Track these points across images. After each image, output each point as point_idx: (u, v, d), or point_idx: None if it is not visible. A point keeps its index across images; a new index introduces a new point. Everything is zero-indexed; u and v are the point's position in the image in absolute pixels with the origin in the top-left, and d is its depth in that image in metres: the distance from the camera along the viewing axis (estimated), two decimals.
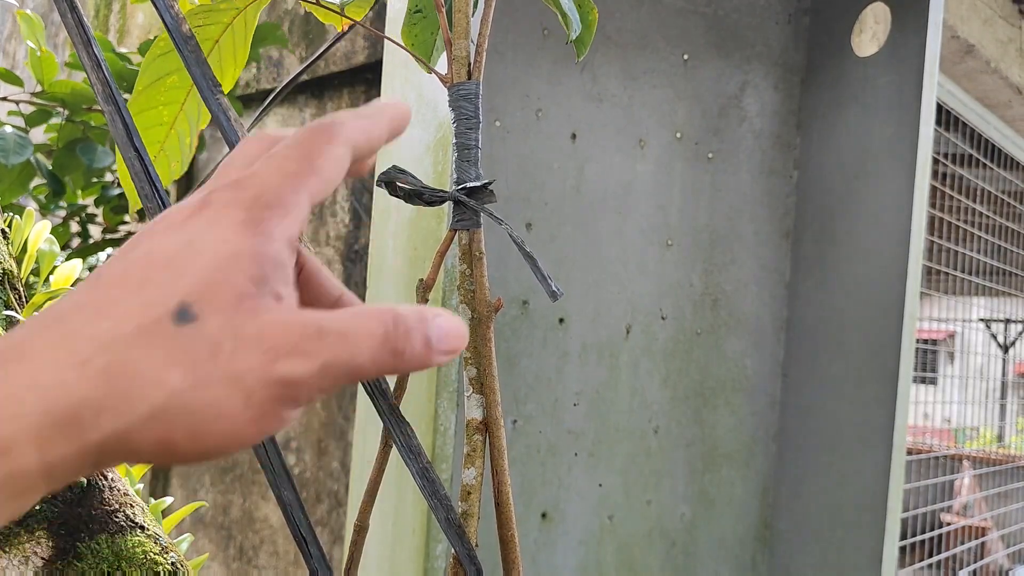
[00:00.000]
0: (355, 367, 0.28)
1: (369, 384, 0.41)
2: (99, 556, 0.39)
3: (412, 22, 0.57)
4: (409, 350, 0.29)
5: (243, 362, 0.26)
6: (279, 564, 1.84)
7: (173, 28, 0.40)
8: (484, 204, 0.46)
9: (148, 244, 0.28)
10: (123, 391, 0.25)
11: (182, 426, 0.25)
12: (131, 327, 0.25)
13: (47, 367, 0.24)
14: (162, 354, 0.25)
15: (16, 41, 3.23)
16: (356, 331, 0.28)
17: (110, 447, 0.25)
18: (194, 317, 0.26)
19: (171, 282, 0.26)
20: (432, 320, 0.29)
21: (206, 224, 0.28)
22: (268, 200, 0.28)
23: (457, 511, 0.44)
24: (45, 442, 0.24)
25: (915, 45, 1.27)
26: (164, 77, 0.49)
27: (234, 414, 0.26)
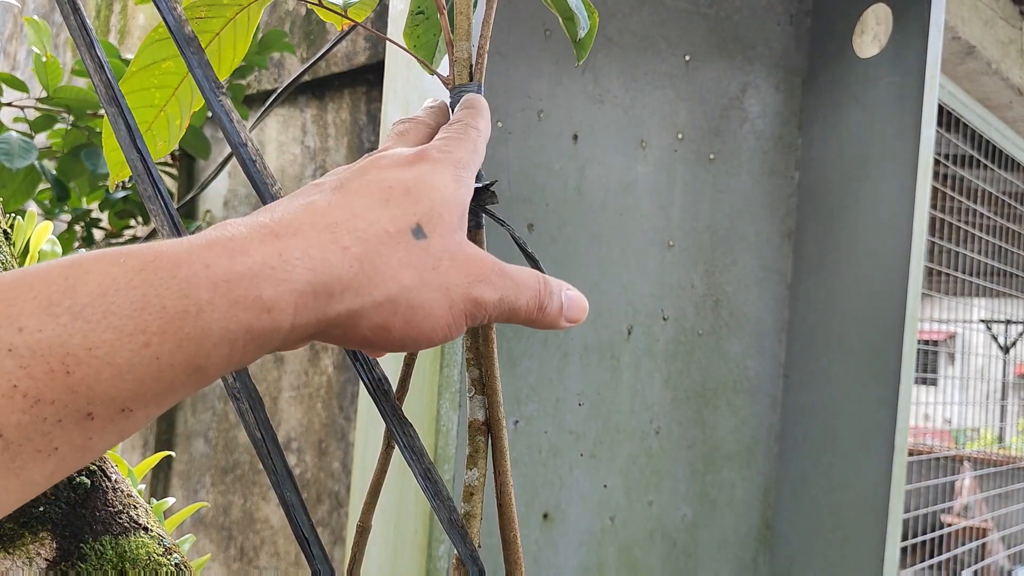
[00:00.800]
0: (516, 307, 0.36)
1: (372, 385, 0.41)
2: (103, 557, 0.39)
3: (414, 23, 0.57)
4: (549, 308, 0.37)
5: (453, 278, 0.33)
6: (280, 565, 1.84)
7: (176, 30, 0.40)
8: (486, 205, 0.46)
9: (380, 173, 0.34)
10: (369, 276, 0.31)
11: (401, 316, 0.32)
12: (381, 230, 0.32)
13: (316, 245, 0.30)
14: (401, 256, 0.32)
15: (17, 42, 3.23)
16: (522, 281, 0.36)
17: (341, 321, 0.31)
18: (426, 236, 0.33)
19: (411, 205, 0.33)
20: (566, 291, 0.39)
21: (430, 169, 0.35)
22: (464, 165, 0.37)
23: (460, 512, 0.44)
24: (300, 307, 0.29)
25: (916, 46, 1.27)
26: (160, 62, 0.49)
27: (439, 315, 0.33)
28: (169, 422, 2.21)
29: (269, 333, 0.28)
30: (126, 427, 0.27)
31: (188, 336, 0.26)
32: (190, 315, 0.27)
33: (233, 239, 0.29)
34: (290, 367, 1.85)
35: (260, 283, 0.28)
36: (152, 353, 0.26)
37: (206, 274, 0.27)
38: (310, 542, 0.38)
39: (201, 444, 2.10)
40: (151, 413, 0.28)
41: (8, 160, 1.38)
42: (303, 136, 1.89)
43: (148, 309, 0.26)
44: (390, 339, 0.32)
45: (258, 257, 0.28)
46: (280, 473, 0.38)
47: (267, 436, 0.38)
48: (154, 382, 0.26)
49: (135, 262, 0.27)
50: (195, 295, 0.27)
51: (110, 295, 0.26)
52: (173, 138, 0.52)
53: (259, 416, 0.38)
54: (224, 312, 0.27)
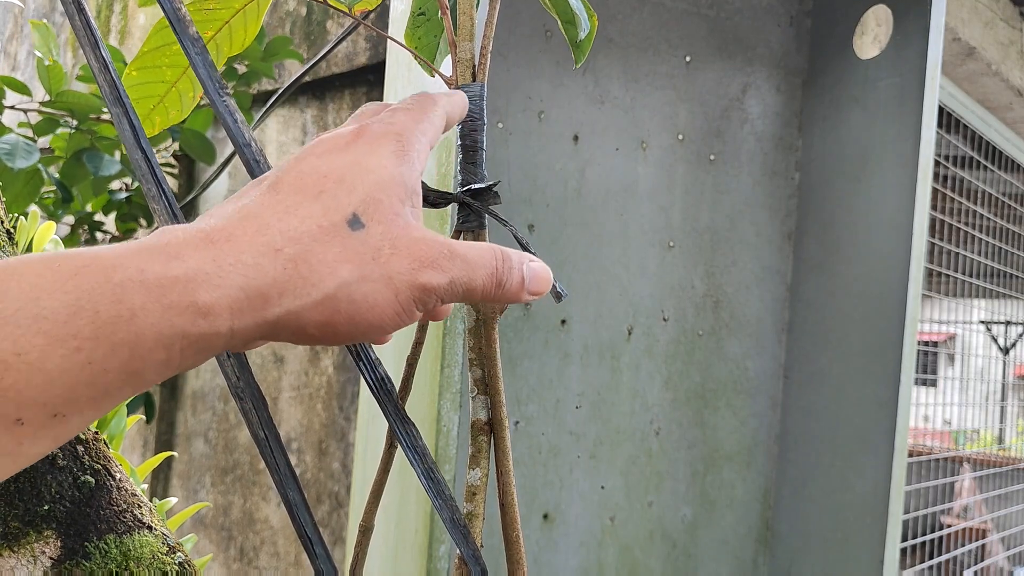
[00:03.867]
0: (471, 288, 0.34)
1: (375, 384, 0.41)
2: (107, 556, 0.39)
3: (416, 24, 0.58)
4: (508, 283, 0.36)
5: (396, 266, 0.32)
6: (280, 565, 1.84)
7: (180, 31, 0.40)
8: (489, 206, 0.47)
9: (315, 161, 0.33)
10: (304, 277, 0.30)
11: (344, 311, 0.31)
12: (314, 226, 0.31)
13: (247, 250, 0.29)
14: (337, 251, 0.31)
15: (17, 42, 3.23)
16: (476, 259, 0.34)
17: (284, 323, 0.30)
18: (363, 225, 0.32)
19: (345, 195, 0.32)
20: (528, 263, 0.37)
21: (367, 149, 0.34)
22: (408, 137, 0.35)
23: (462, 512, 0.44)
24: (237, 312, 0.29)
25: (917, 47, 1.28)
26: (171, 44, 0.50)
27: (384, 306, 0.32)
28: (169, 422, 2.21)
29: (207, 338, 0.28)
30: (60, 433, 0.27)
31: (122, 341, 0.26)
32: (123, 320, 0.26)
33: (169, 244, 0.29)
34: (290, 367, 1.85)
35: (194, 288, 0.28)
36: (84, 358, 0.26)
37: (140, 279, 0.27)
38: (313, 542, 0.38)
39: (201, 444, 2.10)
40: (87, 418, 0.27)
41: (10, 160, 1.38)
42: (304, 137, 1.89)
43: (80, 314, 0.26)
44: (337, 334, 0.32)
45: (192, 263, 0.28)
46: (283, 473, 0.38)
47: (270, 436, 0.38)
48: (87, 387, 0.26)
49: (69, 266, 0.26)
50: (128, 300, 0.27)
51: (42, 299, 0.25)
52: (185, 108, 0.53)
53: (262, 416, 0.38)
54: (158, 317, 0.27)
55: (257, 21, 0.51)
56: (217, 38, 0.51)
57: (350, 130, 0.35)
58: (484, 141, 0.47)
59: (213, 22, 0.49)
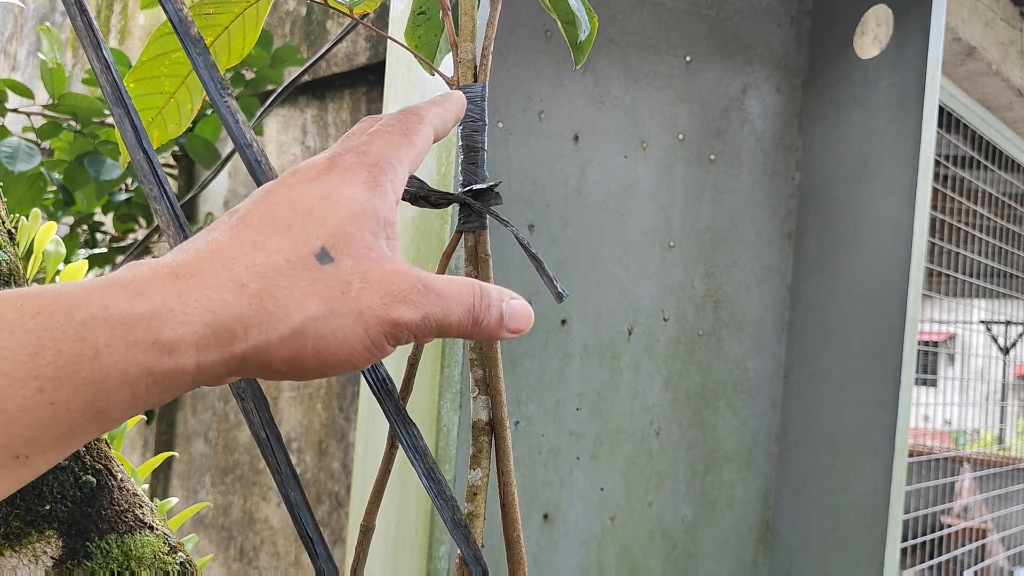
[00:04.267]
0: (445, 324, 0.33)
1: (376, 385, 0.42)
2: (109, 556, 0.39)
3: (416, 24, 0.58)
4: (486, 321, 0.35)
5: (366, 301, 0.31)
6: (280, 565, 1.84)
7: (182, 31, 0.41)
8: (490, 206, 0.47)
9: (287, 192, 0.33)
10: (270, 311, 0.29)
11: (312, 347, 0.30)
12: (281, 260, 0.30)
13: (213, 286, 0.29)
14: (305, 285, 0.30)
15: (17, 42, 3.23)
16: (452, 295, 0.33)
17: (250, 359, 0.30)
18: (332, 259, 0.31)
19: (314, 228, 0.31)
20: (508, 301, 0.36)
21: (338, 181, 0.33)
22: (383, 166, 0.34)
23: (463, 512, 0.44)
24: (203, 347, 0.28)
25: (917, 47, 1.28)
26: (170, 52, 0.50)
27: (353, 341, 0.31)
28: (169, 422, 2.21)
29: (172, 375, 0.28)
30: (23, 473, 0.26)
31: (85, 380, 0.26)
32: (86, 358, 0.26)
33: (134, 280, 0.28)
34: None
35: (159, 325, 0.27)
36: (47, 399, 0.25)
37: (104, 316, 0.27)
38: (314, 541, 0.38)
39: (201, 444, 2.10)
40: (51, 459, 0.27)
41: (11, 163, 1.38)
42: (303, 136, 1.89)
43: (43, 353, 0.25)
44: (305, 370, 0.31)
45: (157, 299, 0.28)
46: (284, 473, 0.38)
47: (272, 436, 0.38)
48: (50, 428, 0.26)
49: (32, 305, 0.26)
50: (92, 338, 0.26)
51: (2, 339, 0.25)
52: (184, 121, 0.53)
53: (264, 416, 0.39)
54: (122, 355, 0.27)
55: (256, 27, 0.51)
56: (216, 45, 0.51)
57: (323, 160, 0.34)
58: (485, 141, 0.47)
59: (212, 27, 0.49)
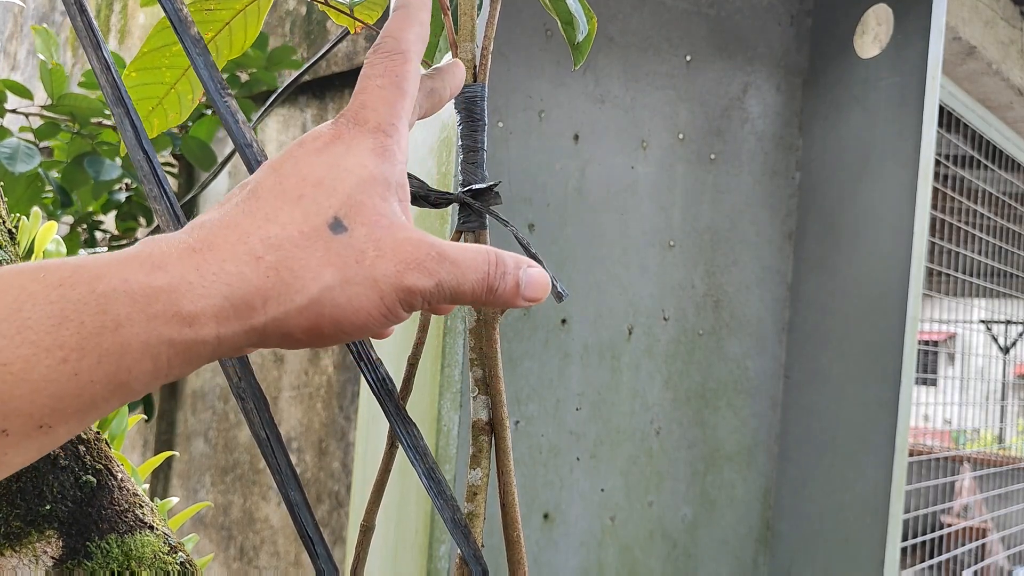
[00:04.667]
0: (459, 291, 0.33)
1: (376, 384, 0.41)
2: (109, 556, 0.39)
3: None
4: (501, 289, 0.34)
5: (381, 268, 0.31)
6: (280, 564, 1.84)
7: (181, 31, 0.40)
8: (490, 206, 0.47)
9: (295, 164, 0.33)
10: (287, 283, 0.30)
11: (329, 315, 0.31)
12: (295, 232, 0.30)
13: (230, 259, 0.29)
14: (320, 256, 0.30)
15: (17, 42, 3.23)
16: (467, 262, 0.33)
17: (270, 330, 0.30)
18: (345, 228, 0.31)
19: (325, 198, 0.31)
20: (525, 269, 0.35)
21: (344, 150, 0.33)
22: (385, 129, 0.34)
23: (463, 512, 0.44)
24: (223, 319, 0.29)
25: (917, 47, 1.28)
26: (171, 45, 0.50)
27: (369, 309, 0.31)
28: (169, 422, 2.21)
29: (193, 347, 0.28)
30: (45, 443, 0.27)
31: (107, 351, 0.26)
32: (108, 330, 0.26)
33: (152, 255, 0.28)
34: (290, 367, 1.85)
35: (178, 298, 0.28)
36: (71, 369, 0.26)
37: (124, 288, 0.27)
38: (314, 541, 0.38)
39: (201, 444, 2.10)
40: (73, 429, 0.27)
41: (10, 164, 1.38)
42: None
43: (66, 324, 0.26)
44: (324, 337, 0.31)
45: (176, 273, 0.28)
46: (284, 473, 0.38)
47: (272, 435, 0.38)
48: (74, 399, 0.26)
49: (54, 277, 0.26)
50: (113, 310, 0.26)
51: (26, 310, 0.25)
52: (184, 111, 0.53)
53: (264, 415, 0.39)
54: (143, 327, 0.27)
55: (258, 23, 0.51)
56: (217, 39, 0.51)
57: (327, 130, 0.34)
58: (485, 141, 0.47)
59: (213, 23, 0.49)
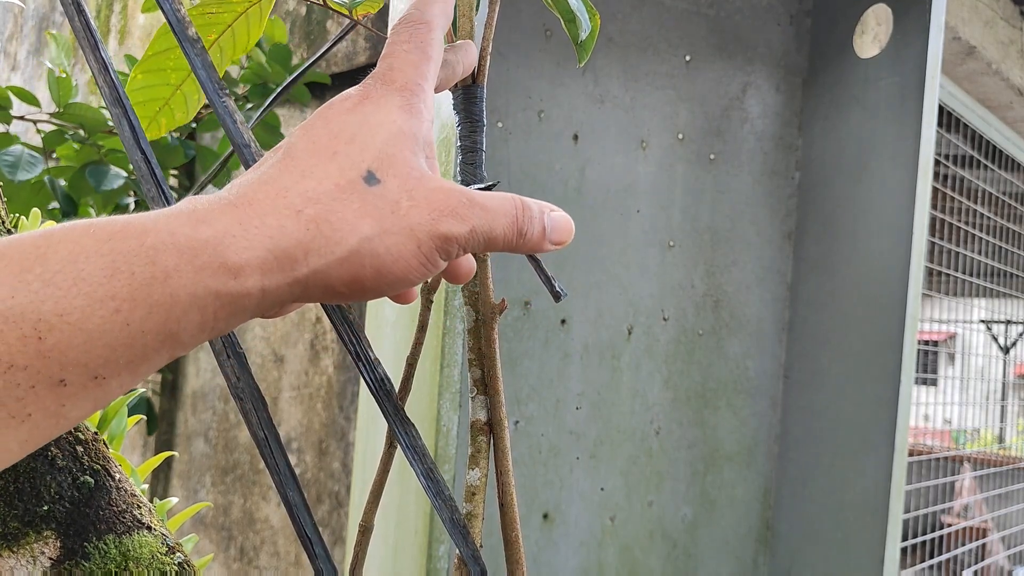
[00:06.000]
0: (492, 236, 0.34)
1: (374, 385, 0.41)
2: (106, 556, 0.39)
3: None
4: (529, 232, 0.36)
5: (416, 217, 0.32)
6: (280, 565, 1.84)
7: (179, 32, 0.40)
8: None
9: (326, 124, 0.34)
10: (327, 236, 0.31)
11: (369, 266, 0.32)
12: (331, 185, 0.31)
13: (271, 213, 0.30)
14: (356, 207, 0.31)
15: (17, 42, 3.23)
16: (496, 207, 0.34)
17: (312, 282, 0.31)
18: (379, 181, 0.32)
19: (358, 153, 0.33)
20: (549, 213, 0.37)
21: (373, 108, 0.34)
22: (412, 88, 0.35)
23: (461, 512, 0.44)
24: (267, 271, 0.30)
25: (917, 47, 1.28)
26: (175, 47, 0.50)
27: (408, 257, 0.32)
28: (169, 422, 2.21)
29: (239, 298, 0.29)
30: (100, 396, 0.27)
31: (157, 302, 0.27)
32: (158, 281, 0.27)
33: (195, 211, 0.29)
34: (290, 367, 1.85)
35: (223, 250, 0.29)
36: (123, 319, 0.26)
37: (171, 241, 0.28)
38: (313, 542, 0.38)
39: (201, 444, 2.10)
40: (125, 382, 0.28)
41: (12, 172, 1.37)
42: None
43: (117, 275, 0.27)
44: (365, 289, 0.32)
45: (220, 226, 0.29)
46: (283, 473, 0.38)
47: (270, 436, 0.38)
48: (126, 348, 0.27)
49: (104, 232, 0.27)
50: (162, 261, 0.27)
51: (80, 262, 0.26)
52: (191, 111, 0.54)
53: (262, 416, 0.38)
54: (191, 278, 0.28)
55: (260, 24, 0.51)
56: (220, 41, 0.51)
57: (356, 91, 0.35)
58: (483, 142, 0.47)
59: (216, 26, 0.49)
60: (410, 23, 0.38)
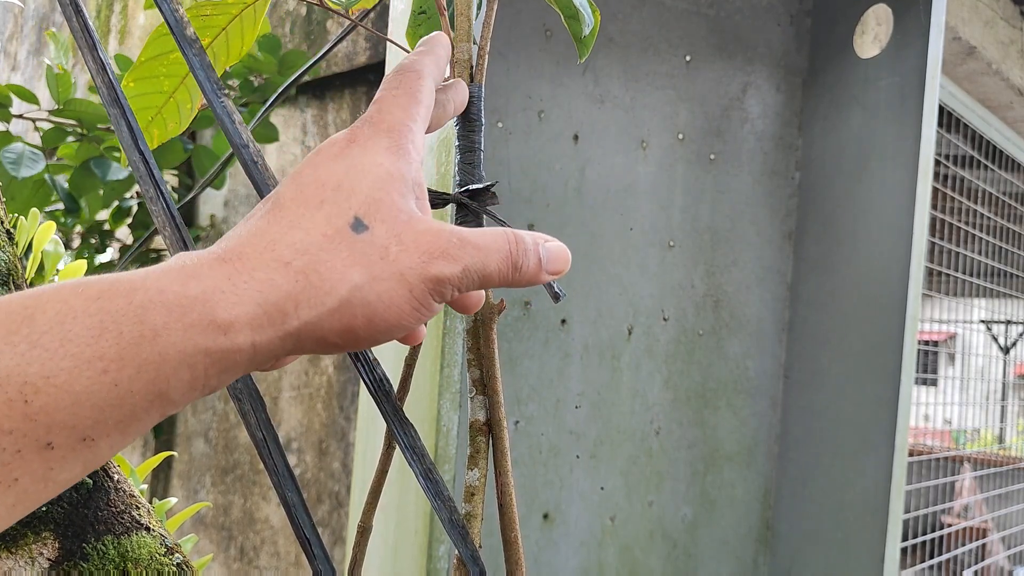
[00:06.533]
0: (486, 274, 0.34)
1: (373, 385, 0.41)
2: (105, 557, 0.39)
3: (417, 23, 0.58)
4: (525, 265, 0.35)
5: (406, 262, 0.32)
6: (280, 565, 1.84)
7: (177, 32, 0.40)
8: (487, 206, 0.47)
9: (313, 171, 0.33)
10: (317, 286, 0.30)
11: (361, 315, 0.31)
12: (319, 236, 0.31)
13: (260, 267, 0.30)
14: (345, 256, 0.31)
15: (17, 42, 3.23)
16: (488, 245, 0.34)
17: (304, 334, 0.30)
18: (366, 227, 0.32)
19: (345, 200, 0.32)
20: (544, 244, 0.36)
21: (360, 152, 0.34)
22: (399, 129, 0.35)
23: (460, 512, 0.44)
24: (257, 327, 0.29)
25: (917, 47, 1.28)
26: (168, 53, 0.50)
27: (400, 303, 0.32)
28: (169, 422, 2.21)
29: (230, 354, 0.29)
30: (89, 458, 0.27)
31: (146, 361, 0.27)
32: (147, 340, 0.27)
33: (184, 267, 0.29)
34: (290, 367, 1.85)
35: (213, 306, 0.28)
36: (111, 379, 0.26)
37: (160, 299, 0.27)
38: (311, 542, 0.38)
39: (201, 444, 2.10)
40: (115, 443, 0.27)
41: (14, 169, 1.37)
42: (304, 136, 1.89)
43: (105, 335, 0.26)
44: (359, 338, 0.32)
45: (209, 282, 0.29)
46: (281, 473, 0.38)
47: (268, 436, 0.38)
48: (114, 409, 0.26)
49: (93, 291, 0.27)
50: (151, 320, 0.27)
51: (67, 323, 0.26)
52: (184, 120, 0.53)
53: (260, 417, 0.38)
54: (180, 336, 0.27)
55: (254, 27, 0.51)
56: (214, 46, 0.51)
57: (343, 136, 0.35)
58: (482, 142, 0.47)
59: (210, 28, 0.49)
60: (400, 72, 0.38)
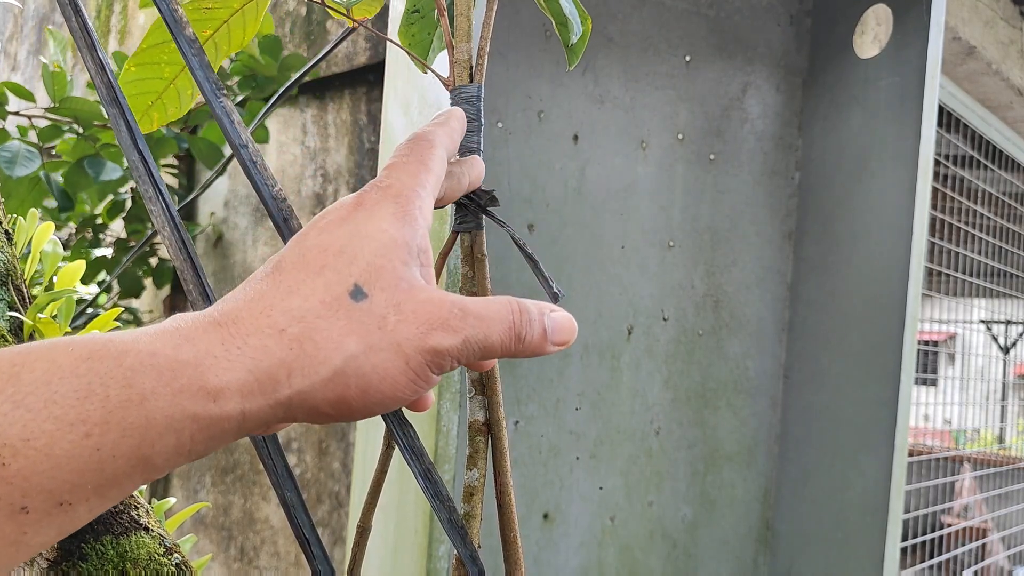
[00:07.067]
0: (488, 345, 0.33)
1: None
2: (104, 557, 0.39)
3: (410, 22, 0.58)
4: (529, 337, 0.34)
5: (403, 332, 0.31)
6: (280, 565, 1.84)
7: (176, 31, 0.40)
8: (486, 207, 0.47)
9: (317, 235, 0.33)
10: (311, 355, 0.29)
11: (355, 385, 0.30)
12: (317, 302, 0.30)
13: (254, 332, 0.29)
14: (342, 324, 0.30)
15: (17, 42, 3.23)
16: (490, 315, 0.33)
17: (296, 403, 0.30)
18: (366, 295, 0.31)
19: (345, 267, 0.31)
20: (548, 314, 0.35)
21: (365, 217, 0.33)
22: (407, 195, 0.34)
23: (460, 512, 0.44)
24: (247, 394, 0.28)
25: (917, 47, 1.28)
26: (169, 41, 0.50)
27: (396, 375, 0.31)
28: None
29: (218, 421, 0.28)
30: (64, 523, 0.26)
31: (132, 425, 0.26)
32: (133, 403, 0.26)
33: (179, 329, 0.29)
34: None
35: (204, 371, 0.28)
36: (93, 444, 0.25)
37: (151, 362, 0.27)
38: (311, 542, 0.38)
39: None
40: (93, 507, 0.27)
41: (9, 168, 1.37)
42: (303, 136, 1.89)
43: (91, 398, 0.26)
44: (352, 409, 0.31)
45: (202, 346, 0.28)
46: (281, 473, 0.38)
47: (268, 436, 0.38)
48: (95, 474, 0.26)
49: (83, 350, 0.26)
50: (139, 384, 0.26)
51: (54, 383, 0.25)
52: (184, 106, 0.54)
53: None
54: (168, 400, 0.27)
55: (256, 20, 0.51)
56: (216, 37, 0.51)
57: (351, 200, 0.34)
58: (482, 143, 0.47)
59: (211, 21, 0.49)
60: (413, 140, 0.38)
